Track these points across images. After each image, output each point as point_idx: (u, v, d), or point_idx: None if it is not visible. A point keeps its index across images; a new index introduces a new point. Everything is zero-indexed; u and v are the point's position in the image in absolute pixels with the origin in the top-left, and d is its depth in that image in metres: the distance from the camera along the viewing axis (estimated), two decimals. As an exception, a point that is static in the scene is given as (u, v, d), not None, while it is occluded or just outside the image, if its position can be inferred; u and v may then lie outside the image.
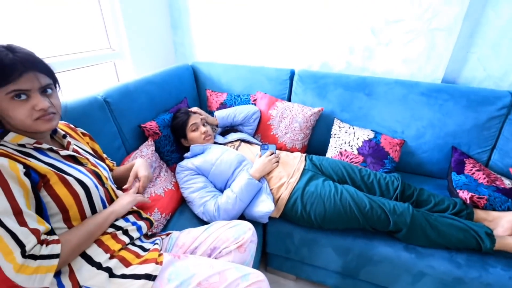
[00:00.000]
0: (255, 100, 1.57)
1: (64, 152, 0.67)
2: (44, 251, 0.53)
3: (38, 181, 0.58)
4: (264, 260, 1.32)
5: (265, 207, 1.02)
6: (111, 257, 0.65)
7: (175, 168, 1.20)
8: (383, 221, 0.98)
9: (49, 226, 0.57)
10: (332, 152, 1.36)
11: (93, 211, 0.67)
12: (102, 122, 1.06)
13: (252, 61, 1.73)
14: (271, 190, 1.10)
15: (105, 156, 0.89)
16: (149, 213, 0.97)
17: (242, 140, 1.36)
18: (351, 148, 1.32)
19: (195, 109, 1.37)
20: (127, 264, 0.65)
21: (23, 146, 0.61)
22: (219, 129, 1.53)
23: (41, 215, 0.58)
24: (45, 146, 0.64)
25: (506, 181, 1.14)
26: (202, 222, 1.03)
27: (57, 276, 0.58)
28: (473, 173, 1.17)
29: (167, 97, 1.42)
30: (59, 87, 0.66)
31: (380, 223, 0.99)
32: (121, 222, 0.72)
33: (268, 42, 1.65)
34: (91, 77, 1.38)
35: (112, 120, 1.11)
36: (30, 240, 0.52)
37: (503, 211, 1.01)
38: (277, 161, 1.18)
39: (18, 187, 0.54)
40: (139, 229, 0.76)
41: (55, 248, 0.55)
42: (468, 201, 1.05)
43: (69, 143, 0.72)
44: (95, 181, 0.69)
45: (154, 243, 0.77)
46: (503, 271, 0.89)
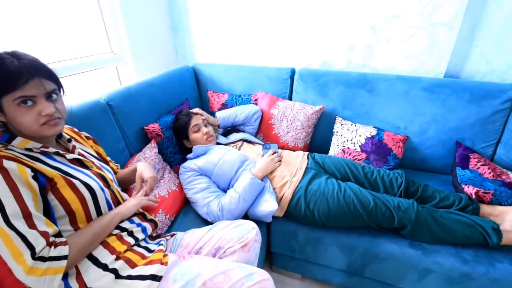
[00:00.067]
0: (256, 100, 1.58)
1: (70, 156, 0.68)
2: (52, 253, 0.54)
3: (45, 184, 0.59)
4: (269, 260, 1.32)
5: (268, 206, 1.02)
6: (117, 258, 0.66)
7: (178, 169, 1.20)
8: (387, 218, 0.98)
9: (57, 229, 0.58)
10: (334, 150, 1.36)
11: (99, 213, 0.68)
12: (105, 126, 1.07)
13: (253, 61, 1.73)
14: (274, 189, 1.10)
15: (109, 159, 0.90)
16: (154, 214, 0.98)
17: (244, 140, 1.36)
18: (354, 146, 1.32)
19: (197, 110, 1.37)
20: (133, 265, 0.66)
21: (30, 150, 0.62)
22: (221, 130, 1.53)
23: (49, 218, 0.58)
24: (51, 150, 0.65)
25: (512, 175, 1.12)
26: (206, 223, 1.04)
27: (65, 278, 0.59)
28: (478, 168, 1.16)
29: (168, 99, 1.43)
30: (64, 92, 0.67)
31: (384, 220, 0.99)
32: (126, 224, 0.73)
33: (268, 41, 1.65)
34: (94, 81, 1.39)
35: (115, 123, 1.12)
36: (40, 243, 0.53)
37: (509, 205, 1.00)
38: (280, 160, 1.18)
39: (27, 190, 0.55)
40: (144, 230, 0.76)
41: (63, 250, 0.56)
42: (474, 196, 1.04)
43: (74, 147, 0.73)
44: (101, 184, 0.70)
45: (159, 244, 0.77)
46: (511, 266, 0.88)
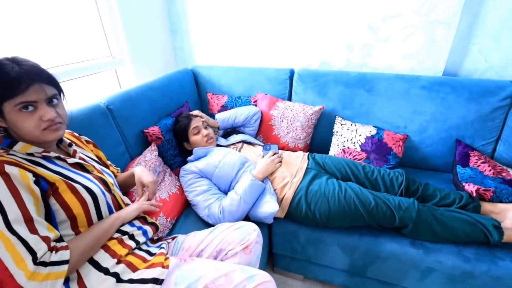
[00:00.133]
0: (255, 101, 1.58)
1: (71, 160, 0.69)
2: (54, 257, 0.54)
3: (47, 189, 0.59)
4: (271, 261, 1.32)
5: (269, 207, 1.02)
6: (118, 262, 0.66)
7: (179, 172, 1.21)
8: (388, 217, 0.98)
9: (58, 233, 0.58)
10: (335, 150, 1.36)
11: (100, 217, 0.68)
12: (105, 129, 1.07)
13: (252, 62, 1.74)
14: (274, 190, 1.10)
15: (109, 163, 0.90)
16: (155, 217, 0.98)
17: (244, 141, 1.36)
18: (354, 145, 1.32)
19: (196, 112, 1.38)
20: (134, 269, 0.66)
21: (32, 155, 0.62)
22: (221, 132, 1.53)
23: (50, 223, 0.59)
24: (52, 154, 0.65)
25: (512, 173, 1.12)
26: (207, 225, 1.04)
27: (66, 283, 0.59)
28: (478, 166, 1.16)
29: (168, 101, 1.44)
30: (64, 97, 0.67)
31: (385, 220, 0.98)
32: (127, 227, 0.73)
33: (266, 42, 1.65)
34: (93, 85, 1.39)
35: (115, 127, 1.12)
36: (41, 248, 0.53)
37: (510, 203, 1.00)
38: (280, 161, 1.18)
39: (29, 195, 0.55)
40: (145, 233, 0.76)
41: (65, 254, 0.56)
42: (474, 194, 1.04)
43: (75, 151, 0.73)
44: (102, 188, 0.70)
45: (160, 247, 0.77)
46: (513, 264, 0.88)
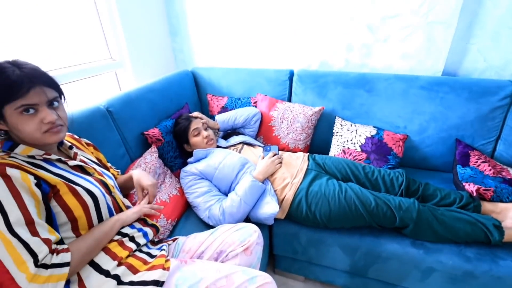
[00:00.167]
0: (255, 103, 1.58)
1: (72, 163, 0.69)
2: (55, 260, 0.54)
3: (48, 191, 0.59)
4: (272, 262, 1.32)
5: (270, 208, 1.02)
6: (119, 264, 0.66)
7: (179, 174, 1.21)
8: (389, 217, 0.98)
9: (59, 236, 0.58)
10: (335, 150, 1.36)
11: (100, 220, 0.69)
12: (105, 131, 1.07)
13: (251, 64, 1.74)
14: (275, 191, 1.10)
15: (109, 165, 0.90)
16: (155, 219, 0.98)
17: (244, 142, 1.36)
18: (354, 146, 1.32)
19: (196, 113, 1.38)
20: (135, 271, 0.66)
21: (33, 157, 0.62)
22: (221, 133, 1.53)
23: (51, 225, 0.59)
24: (54, 157, 0.65)
25: (512, 172, 1.12)
26: (208, 227, 1.04)
27: (67, 285, 0.59)
28: (478, 165, 1.16)
29: (168, 103, 1.44)
30: (65, 99, 0.68)
31: (386, 220, 0.98)
32: (127, 229, 0.73)
33: (266, 43, 1.66)
34: (93, 87, 1.40)
35: (115, 129, 1.12)
36: (42, 250, 0.53)
37: (511, 202, 1.00)
38: (280, 162, 1.18)
39: (30, 197, 0.55)
40: (145, 235, 0.77)
41: (66, 257, 0.56)
42: (475, 194, 1.04)
43: (76, 153, 0.73)
44: (103, 190, 0.70)
45: (161, 249, 0.77)
46: (514, 263, 0.88)
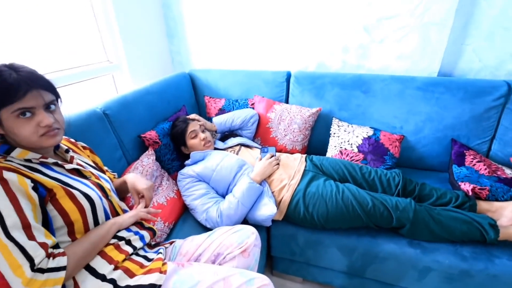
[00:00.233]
0: (253, 104, 1.58)
1: (69, 166, 0.69)
2: (51, 264, 0.54)
3: (45, 195, 0.59)
4: (270, 264, 1.32)
5: (267, 210, 1.03)
6: (115, 268, 0.65)
7: (176, 176, 1.21)
8: (386, 217, 0.98)
9: (55, 240, 0.58)
10: (332, 151, 1.37)
11: (96, 224, 0.68)
12: (102, 134, 1.07)
13: (249, 66, 1.74)
14: (272, 192, 1.11)
15: (105, 168, 0.90)
16: (152, 222, 0.97)
17: (242, 144, 1.36)
18: (351, 147, 1.32)
19: (193, 116, 1.38)
20: (132, 275, 0.66)
21: (30, 161, 0.62)
22: (219, 135, 1.53)
23: (47, 229, 0.59)
24: (50, 160, 0.65)
25: (507, 171, 1.13)
26: (206, 229, 1.04)
27: (62, 290, 0.59)
28: (474, 165, 1.17)
29: (165, 106, 1.44)
30: (62, 103, 0.67)
31: (383, 220, 0.99)
32: (123, 233, 0.73)
33: (263, 45, 1.66)
34: (90, 90, 1.39)
35: (112, 132, 1.12)
36: (39, 254, 0.53)
37: (506, 201, 1.01)
38: (278, 164, 1.19)
39: (27, 201, 0.55)
40: (142, 238, 0.76)
41: (62, 261, 0.56)
42: (470, 193, 1.05)
43: (72, 157, 0.73)
44: (100, 193, 0.70)
45: (158, 252, 0.77)
46: (509, 261, 0.89)
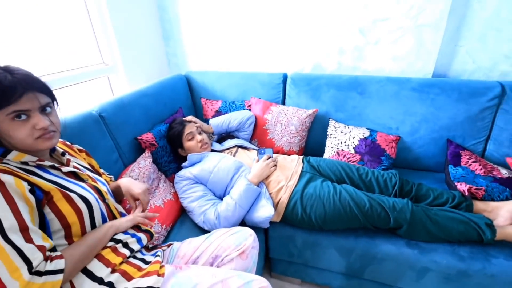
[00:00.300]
0: (249, 106, 1.58)
1: (65, 169, 0.68)
2: (49, 267, 0.54)
3: (42, 198, 0.58)
4: (268, 266, 1.31)
5: (265, 212, 1.02)
6: (113, 271, 0.65)
7: (173, 179, 1.20)
8: (383, 218, 0.98)
9: (52, 243, 0.58)
10: (329, 152, 1.37)
11: (93, 227, 0.68)
12: (98, 137, 1.06)
13: (245, 67, 1.75)
14: (270, 194, 1.10)
15: (102, 171, 0.89)
16: (149, 225, 0.96)
17: (239, 146, 1.36)
18: (348, 148, 1.33)
19: (190, 117, 1.38)
20: (129, 278, 0.65)
21: (26, 164, 0.61)
22: (216, 137, 1.53)
23: (44, 232, 0.58)
24: (47, 163, 0.64)
25: (502, 171, 1.14)
26: (203, 231, 1.03)
27: (59, 294, 0.58)
28: (469, 165, 1.18)
29: (162, 108, 1.43)
30: (57, 105, 0.67)
31: (380, 221, 0.99)
32: (120, 235, 0.72)
33: (259, 47, 1.67)
34: (86, 93, 1.38)
35: (108, 134, 1.11)
36: (37, 257, 0.53)
37: (502, 200, 1.02)
38: (275, 165, 1.19)
39: (24, 204, 0.55)
40: (139, 241, 0.76)
41: (59, 264, 0.55)
42: (467, 193, 1.05)
43: (68, 160, 0.72)
44: (97, 196, 0.69)
45: (156, 255, 0.76)
46: (506, 261, 0.89)
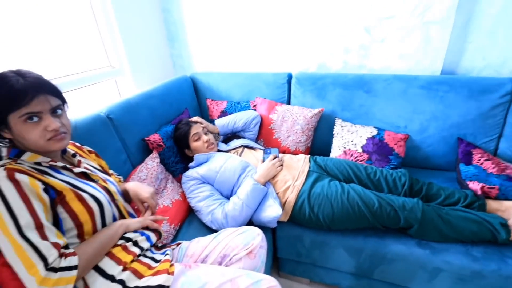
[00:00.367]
0: (255, 106, 1.58)
1: (77, 170, 0.70)
2: (63, 263, 0.55)
3: (55, 197, 0.60)
4: (276, 265, 1.31)
5: (272, 211, 1.02)
6: (124, 269, 0.66)
7: (181, 179, 1.20)
8: (393, 218, 0.97)
9: (66, 241, 0.59)
10: (336, 152, 1.36)
11: (104, 226, 0.69)
12: (106, 138, 1.07)
13: (250, 68, 1.75)
14: (277, 194, 1.10)
15: (111, 171, 0.90)
16: (158, 223, 0.97)
17: (245, 146, 1.36)
18: (355, 147, 1.32)
19: (196, 118, 1.38)
20: (140, 276, 0.66)
21: (39, 164, 0.63)
22: (222, 137, 1.53)
23: (58, 230, 0.59)
24: (59, 164, 0.66)
25: (516, 169, 1.11)
26: (211, 231, 1.03)
27: (73, 291, 0.59)
28: (481, 163, 1.15)
29: (168, 109, 1.44)
30: (68, 107, 0.69)
31: (390, 221, 0.98)
32: (129, 234, 0.73)
33: (264, 47, 1.67)
34: (94, 95, 1.41)
35: (116, 136, 1.13)
36: (52, 254, 0.54)
37: (516, 199, 0.99)
38: (281, 165, 1.18)
39: (38, 202, 0.56)
40: (148, 239, 0.76)
41: (73, 260, 0.57)
42: (479, 192, 1.03)
43: (79, 161, 0.74)
44: (108, 196, 0.71)
45: (165, 254, 0.77)
46: (522, 262, 0.87)
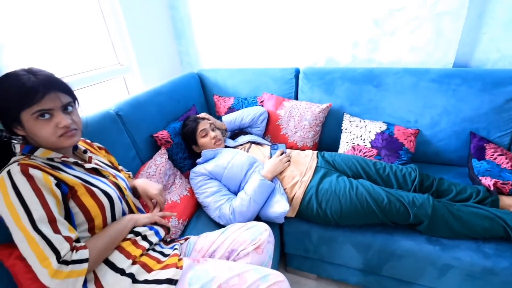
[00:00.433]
0: (262, 102, 1.58)
1: (88, 165, 0.72)
2: (75, 256, 0.57)
3: (67, 192, 0.62)
4: (284, 261, 1.31)
5: (280, 207, 1.02)
6: (133, 263, 0.67)
7: (189, 175, 1.22)
8: (402, 214, 0.96)
9: (78, 235, 0.61)
10: (344, 147, 1.34)
11: (114, 220, 0.71)
12: (116, 135, 1.09)
13: (257, 63, 1.74)
14: (284, 189, 1.10)
15: (120, 167, 0.92)
16: (167, 219, 0.99)
17: (252, 142, 1.36)
18: (364, 142, 1.30)
19: (203, 114, 1.39)
20: (149, 270, 0.67)
21: (52, 160, 0.65)
22: (229, 133, 1.54)
23: (70, 224, 0.61)
24: (71, 160, 0.68)
25: (532, 164, 1.08)
26: (219, 226, 1.04)
27: (84, 284, 0.61)
28: (495, 158, 1.12)
29: (176, 106, 1.45)
30: (79, 104, 0.70)
31: (399, 217, 0.96)
32: (138, 228, 0.74)
33: (271, 43, 1.65)
34: (103, 92, 1.43)
35: (125, 132, 1.14)
36: (64, 247, 0.56)
37: (531, 195, 0.96)
38: (288, 160, 1.18)
39: (51, 197, 0.58)
40: (157, 233, 0.78)
41: (84, 253, 0.58)
42: (492, 188, 1.00)
43: (90, 157, 0.76)
44: (118, 192, 0.72)
45: (174, 248, 0.78)
46: (537, 259, 0.84)
